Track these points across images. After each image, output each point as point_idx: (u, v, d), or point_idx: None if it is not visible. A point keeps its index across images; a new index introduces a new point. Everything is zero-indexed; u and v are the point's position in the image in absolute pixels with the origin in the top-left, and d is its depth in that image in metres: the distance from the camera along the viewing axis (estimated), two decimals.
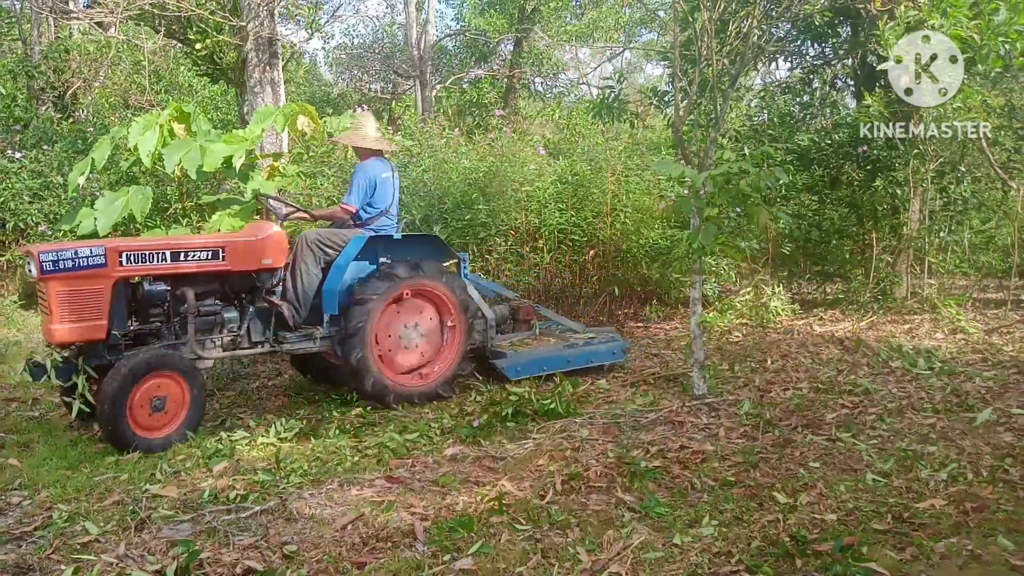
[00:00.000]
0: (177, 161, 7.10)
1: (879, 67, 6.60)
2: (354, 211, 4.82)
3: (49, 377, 3.95)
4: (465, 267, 5.20)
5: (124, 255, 4.05)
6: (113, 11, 8.29)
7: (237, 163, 6.74)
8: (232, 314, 4.45)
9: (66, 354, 4.04)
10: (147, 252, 4.12)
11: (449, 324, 4.85)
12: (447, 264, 5.11)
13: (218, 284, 4.45)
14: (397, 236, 4.90)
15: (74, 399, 3.95)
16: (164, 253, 4.17)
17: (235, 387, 5.28)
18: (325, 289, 4.61)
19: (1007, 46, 5.22)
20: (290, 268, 4.63)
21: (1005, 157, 7.85)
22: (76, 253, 3.94)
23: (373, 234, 4.78)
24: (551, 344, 5.46)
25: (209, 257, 4.30)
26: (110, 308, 4.00)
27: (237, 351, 4.46)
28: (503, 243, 6.97)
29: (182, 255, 4.23)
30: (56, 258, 3.88)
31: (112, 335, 4.02)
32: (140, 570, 2.58)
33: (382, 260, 4.72)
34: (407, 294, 4.68)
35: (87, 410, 3.96)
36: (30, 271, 4.01)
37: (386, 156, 5.06)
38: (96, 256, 3.96)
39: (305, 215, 4.98)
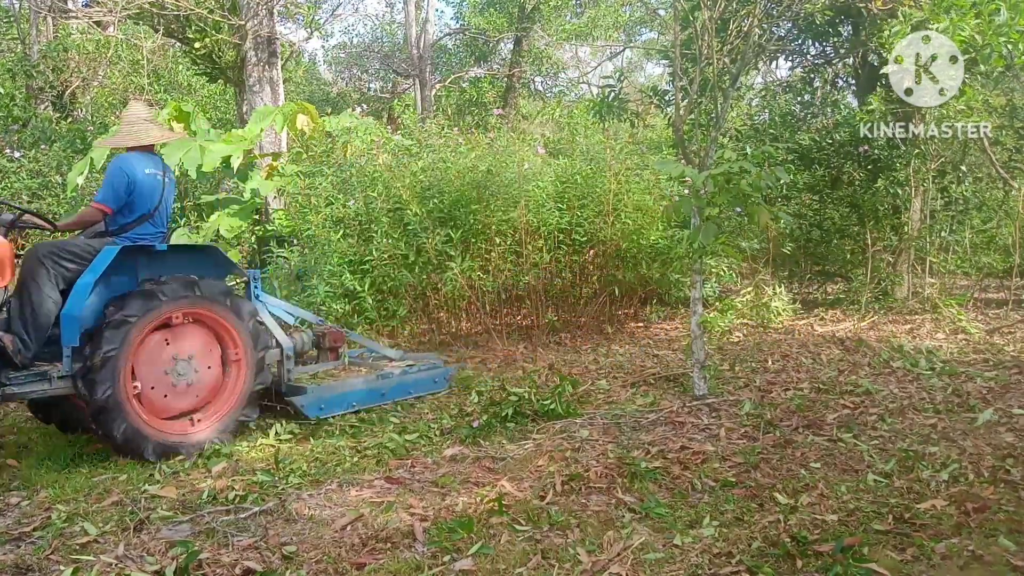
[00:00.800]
0: (177, 160, 7.08)
1: (881, 70, 6.60)
2: (109, 211, 3.84)
3: None
4: (257, 286, 4.43)
5: None
6: (112, 10, 8.27)
7: (236, 163, 6.73)
8: None
9: None
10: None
11: (233, 358, 3.99)
12: (232, 283, 4.31)
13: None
14: (161, 247, 3.97)
15: None
16: None
17: None
18: (64, 314, 3.60)
19: (1009, 46, 5.21)
20: (16, 290, 3.67)
21: (1006, 157, 7.84)
22: None
23: (130, 244, 3.84)
24: (362, 375, 4.76)
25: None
26: None
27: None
28: (502, 243, 6.97)
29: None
30: None
31: None
32: (139, 571, 2.57)
33: (144, 277, 3.82)
34: (178, 318, 3.79)
35: None
36: None
37: (156, 150, 4.21)
38: None
39: (42, 223, 3.95)
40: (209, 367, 3.93)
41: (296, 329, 4.64)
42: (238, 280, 4.33)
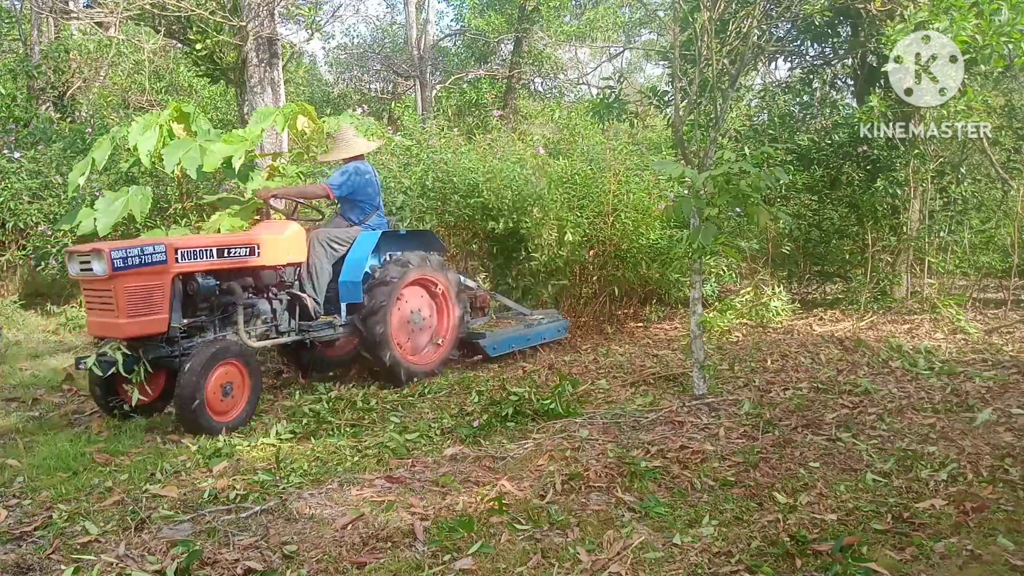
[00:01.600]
0: (177, 161, 7.10)
1: (881, 68, 6.61)
2: (332, 195, 5.22)
3: (118, 369, 4.06)
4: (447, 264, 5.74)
5: (179, 252, 4.30)
6: (113, 11, 8.29)
7: (237, 163, 6.74)
8: (265, 306, 4.79)
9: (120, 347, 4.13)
10: (197, 249, 4.40)
11: (445, 311, 5.43)
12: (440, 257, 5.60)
13: (252, 278, 4.77)
14: (402, 232, 5.44)
15: (128, 389, 4.21)
16: (211, 249, 4.47)
17: None
18: (344, 281, 5.06)
19: (1010, 46, 5.22)
20: (305, 264, 5.04)
21: (1005, 157, 7.85)
22: (142, 251, 4.14)
23: (382, 231, 5.25)
24: (513, 326, 6.19)
25: (247, 253, 4.66)
26: (170, 302, 4.23)
27: (269, 340, 4.81)
28: (502, 242, 6.98)
29: (225, 251, 4.54)
30: (125, 255, 4.05)
31: (171, 328, 4.24)
32: (140, 570, 2.58)
33: (387, 254, 5.23)
34: (413, 284, 5.21)
35: (143, 398, 4.25)
36: (85, 269, 4.12)
37: (366, 159, 5.52)
38: (157, 254, 4.17)
39: (296, 197, 5.34)
40: (430, 317, 5.39)
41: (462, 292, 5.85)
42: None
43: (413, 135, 8.04)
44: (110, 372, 4.11)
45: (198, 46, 8.41)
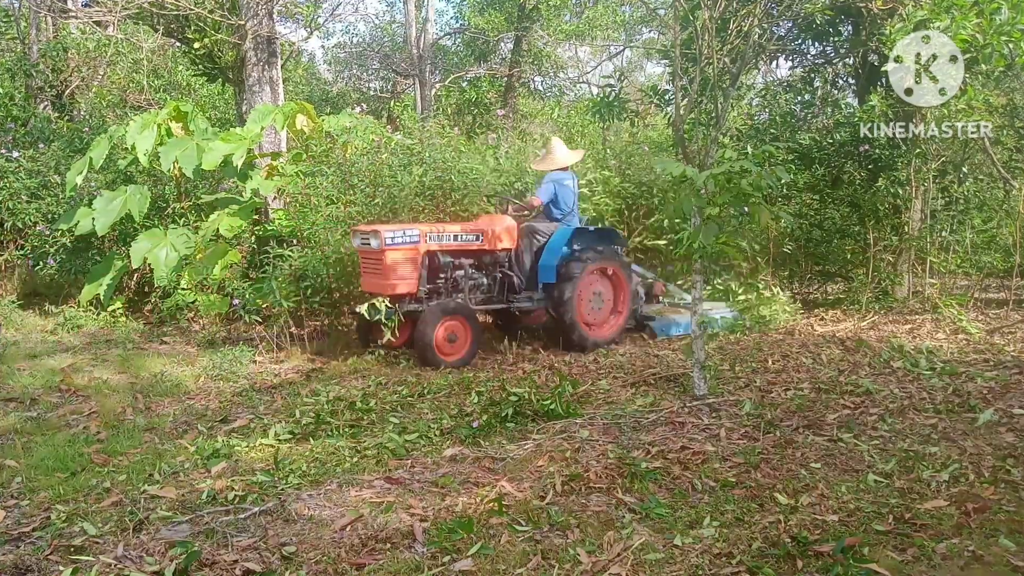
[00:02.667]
0: (173, 159, 7.06)
1: (882, 68, 6.59)
2: (539, 204, 6.41)
3: (381, 316, 5.53)
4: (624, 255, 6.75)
5: (428, 235, 5.82)
6: (111, 10, 8.27)
7: (237, 162, 6.71)
8: (484, 280, 6.18)
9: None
10: (440, 234, 5.91)
11: (621, 295, 6.47)
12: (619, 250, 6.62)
13: (475, 259, 6.15)
14: (590, 228, 6.48)
15: (385, 328, 5.57)
16: (449, 235, 5.95)
17: (236, 387, 5.27)
18: (541, 265, 6.21)
19: (1010, 46, 5.20)
20: (514, 250, 6.30)
21: (1007, 156, 7.83)
22: (405, 233, 5.70)
23: (575, 228, 6.32)
24: (682, 312, 6.94)
25: (474, 239, 6.07)
26: (422, 272, 5.81)
27: (486, 306, 6.25)
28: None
29: (458, 236, 5.99)
30: (396, 236, 5.64)
31: (420, 290, 5.82)
32: (138, 571, 2.56)
33: (575, 247, 6.25)
34: (596, 271, 6.30)
35: (393, 339, 5.66)
36: (364, 244, 5.76)
37: (571, 168, 6.61)
38: (413, 236, 5.71)
39: (519, 204, 6.55)
40: (609, 298, 6.45)
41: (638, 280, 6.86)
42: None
43: (413, 134, 8.03)
44: (376, 318, 5.54)
45: (196, 45, 8.38)
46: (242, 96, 8.55)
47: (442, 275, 5.96)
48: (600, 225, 7.19)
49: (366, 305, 5.61)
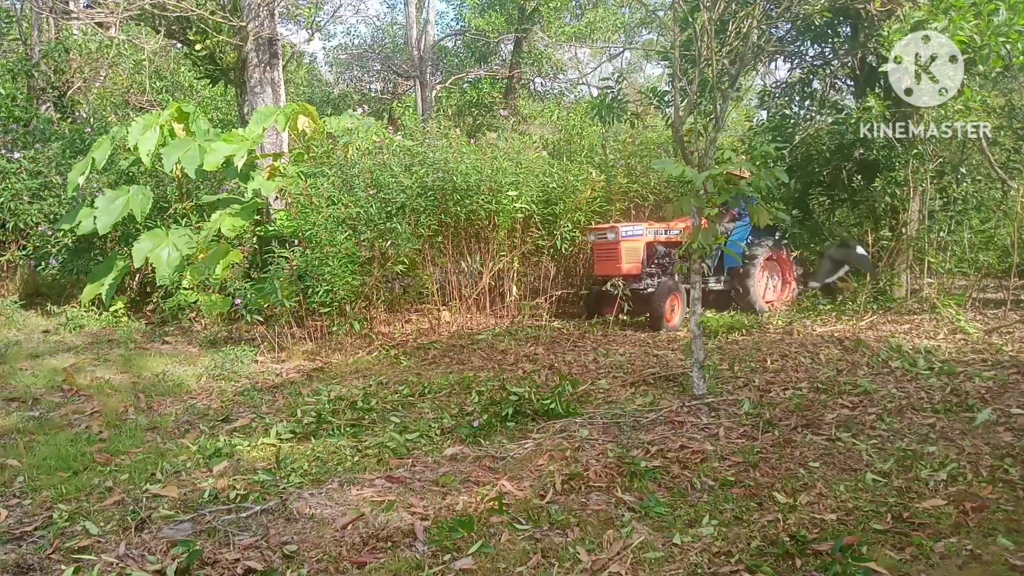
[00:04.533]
0: (175, 160, 7.08)
1: (881, 68, 6.60)
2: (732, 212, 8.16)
3: (619, 294, 7.10)
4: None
5: (649, 231, 7.63)
6: (113, 11, 8.28)
7: (239, 162, 6.73)
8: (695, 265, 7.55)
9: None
10: (657, 229, 7.71)
11: (787, 278, 8.37)
12: (784, 241, 8.32)
13: (679, 249, 7.52)
14: (760, 225, 7.05)
15: (623, 299, 7.13)
16: (664, 230, 7.75)
17: (237, 387, 5.28)
18: (726, 254, 7.87)
19: (1008, 47, 5.22)
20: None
21: (1004, 157, 7.84)
22: (633, 228, 7.53)
23: (751, 225, 7.77)
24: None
25: (679, 234, 7.70)
26: (644, 258, 7.55)
27: (686, 286, 7.10)
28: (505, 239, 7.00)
29: (668, 231, 7.74)
30: (628, 231, 7.44)
31: (644, 272, 7.51)
32: (140, 570, 2.58)
33: (751, 240, 8.06)
34: (770, 259, 8.13)
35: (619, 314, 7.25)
36: (600, 237, 7.54)
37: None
38: (639, 231, 7.53)
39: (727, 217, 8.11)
40: (777, 279, 8.42)
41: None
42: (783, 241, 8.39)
43: (415, 135, 8.06)
44: (614, 292, 7.10)
45: (197, 47, 8.40)
46: (244, 97, 8.57)
47: (657, 262, 7.65)
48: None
49: (608, 283, 7.21)
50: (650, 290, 7.30)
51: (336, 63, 20.48)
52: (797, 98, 8.88)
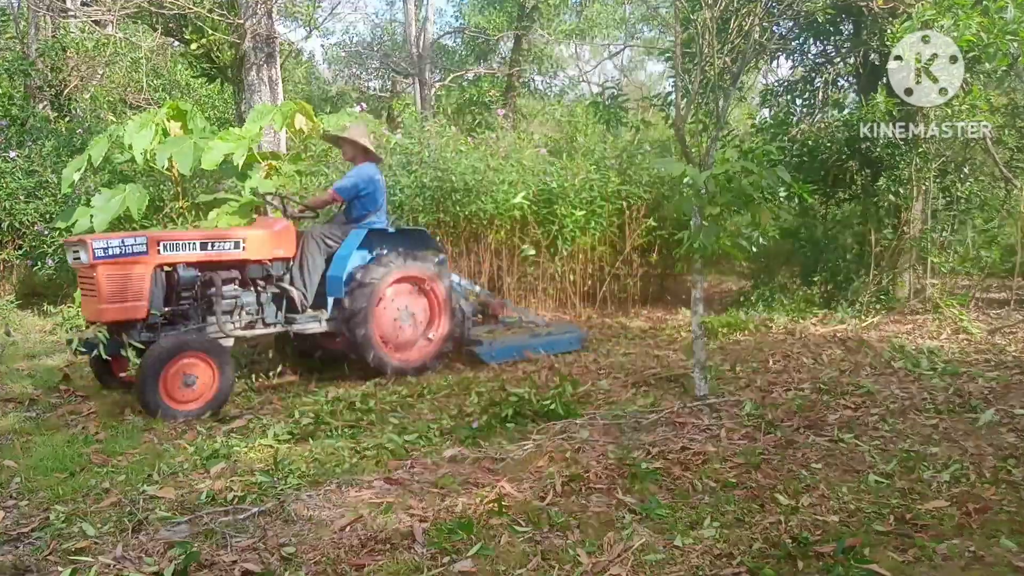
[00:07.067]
0: (167, 157, 7.04)
1: (884, 67, 6.58)
2: (341, 200, 5.35)
3: (99, 352, 4.45)
4: (445, 263, 5.78)
5: (161, 243, 4.61)
6: (110, 9, 8.25)
7: (239, 161, 6.70)
8: (250, 298, 4.98)
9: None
10: (178, 242, 4.70)
11: (437, 309, 5.46)
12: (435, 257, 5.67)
13: (238, 271, 4.95)
14: (391, 230, 5.46)
15: (131, 366, 4.44)
16: (192, 243, 4.75)
17: (234, 387, 5.25)
18: (330, 276, 5.19)
19: (1015, 45, 5.19)
20: (297, 259, 5.20)
21: (1008, 156, 7.82)
22: (124, 242, 4.48)
23: (369, 228, 5.32)
24: (519, 334, 6.16)
25: (231, 247, 4.88)
26: (149, 291, 4.52)
27: (254, 331, 5.04)
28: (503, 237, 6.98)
29: (208, 244, 4.80)
30: (110, 248, 4.39)
31: (151, 314, 4.55)
32: (137, 572, 2.55)
33: (377, 252, 5.28)
34: (400, 281, 5.29)
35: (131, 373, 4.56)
36: (76, 258, 4.48)
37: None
38: (139, 245, 4.51)
39: (304, 208, 5.46)
40: (420, 315, 5.41)
41: (471, 296, 6.16)
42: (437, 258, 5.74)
43: (413, 134, 8.02)
44: (93, 353, 4.47)
45: (194, 45, 8.38)
46: (241, 95, 8.54)
47: (187, 294, 4.72)
48: (408, 225, 6.41)
49: (75, 340, 4.57)
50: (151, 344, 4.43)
51: (334, 61, 20.45)
52: (799, 100, 8.85)
